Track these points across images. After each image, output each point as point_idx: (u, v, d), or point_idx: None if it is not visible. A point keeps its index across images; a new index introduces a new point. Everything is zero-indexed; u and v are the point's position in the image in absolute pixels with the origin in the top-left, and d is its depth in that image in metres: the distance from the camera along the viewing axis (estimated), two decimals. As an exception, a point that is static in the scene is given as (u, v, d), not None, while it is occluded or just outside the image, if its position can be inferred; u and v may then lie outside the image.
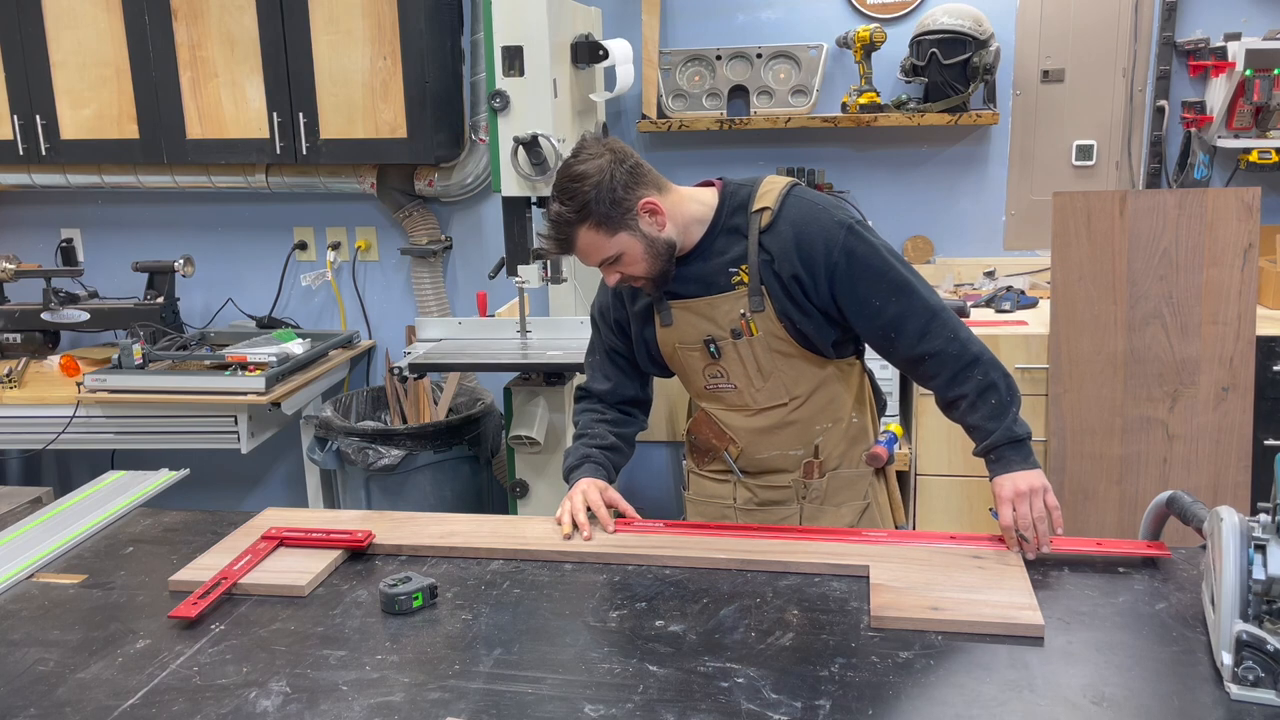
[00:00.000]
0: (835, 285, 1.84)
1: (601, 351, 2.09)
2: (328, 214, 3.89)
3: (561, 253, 1.87)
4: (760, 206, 1.88)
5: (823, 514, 2.04)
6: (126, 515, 2.05)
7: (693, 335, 1.95)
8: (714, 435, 2.05)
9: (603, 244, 1.81)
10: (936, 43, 3.28)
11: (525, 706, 1.33)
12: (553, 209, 1.80)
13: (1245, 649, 1.31)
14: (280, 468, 4.14)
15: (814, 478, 2.02)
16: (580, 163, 1.79)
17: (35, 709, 1.36)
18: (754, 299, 1.88)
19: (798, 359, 1.94)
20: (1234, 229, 2.93)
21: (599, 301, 2.08)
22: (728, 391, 1.99)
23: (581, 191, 1.77)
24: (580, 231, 1.80)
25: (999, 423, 1.80)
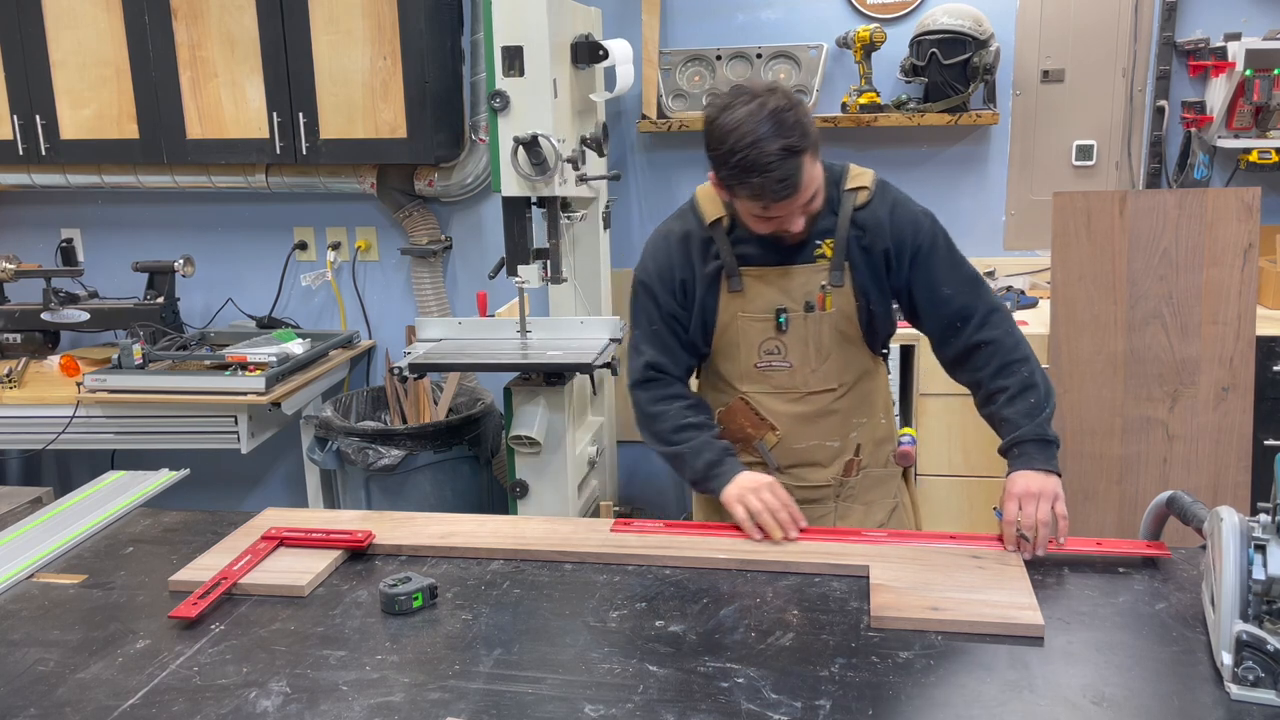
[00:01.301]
0: (915, 268, 1.89)
1: (661, 320, 1.99)
2: (328, 214, 3.89)
3: (785, 196, 1.73)
4: (857, 185, 1.91)
5: (853, 512, 2.05)
6: (126, 515, 2.05)
7: (761, 305, 1.94)
8: (750, 423, 2.02)
9: (815, 175, 1.77)
10: (936, 43, 3.28)
11: (525, 706, 1.33)
12: (771, 147, 1.68)
13: (1245, 649, 1.31)
14: (280, 468, 4.14)
15: (851, 475, 2.03)
16: (775, 97, 1.72)
17: (35, 709, 1.36)
18: (834, 273, 1.90)
19: (853, 346, 1.97)
20: (1234, 229, 2.93)
21: (659, 264, 1.98)
22: (779, 371, 1.97)
23: (801, 119, 1.72)
24: (805, 161, 1.73)
25: (1031, 420, 1.82)
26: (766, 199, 1.74)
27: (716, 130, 1.75)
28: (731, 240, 1.94)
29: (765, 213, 1.78)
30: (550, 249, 2.85)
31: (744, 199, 1.78)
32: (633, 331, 2.05)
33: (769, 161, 1.69)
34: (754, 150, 1.69)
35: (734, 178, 1.75)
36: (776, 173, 1.70)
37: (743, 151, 1.70)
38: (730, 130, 1.72)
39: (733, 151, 1.71)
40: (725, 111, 1.74)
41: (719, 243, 1.94)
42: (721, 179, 1.79)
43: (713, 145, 1.77)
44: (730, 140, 1.72)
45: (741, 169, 1.71)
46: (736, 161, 1.71)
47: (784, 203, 1.75)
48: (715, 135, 1.75)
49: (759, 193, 1.74)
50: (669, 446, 1.96)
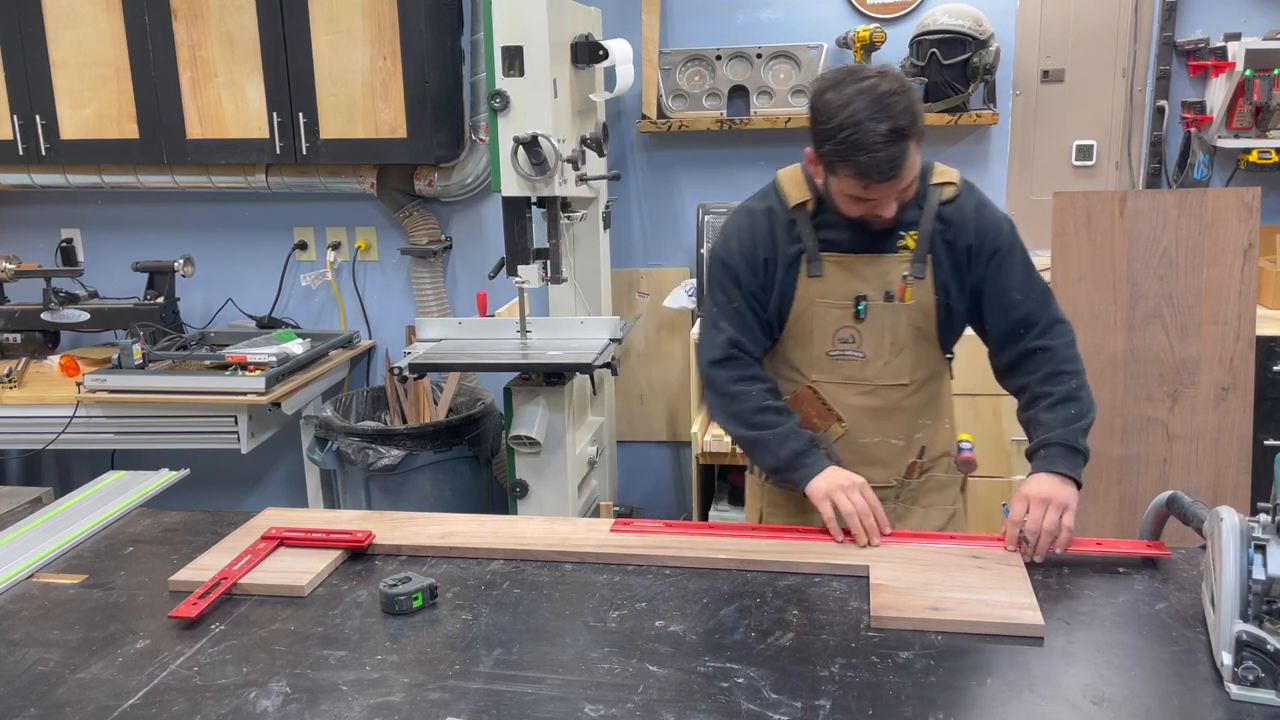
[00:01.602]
0: (990, 269, 1.90)
1: (741, 298, 1.95)
2: (328, 214, 3.89)
3: (888, 178, 1.72)
4: (944, 181, 1.92)
5: (911, 515, 2.03)
6: (126, 515, 2.05)
7: (841, 291, 1.92)
8: (816, 414, 1.99)
9: (916, 162, 1.77)
10: (936, 43, 3.28)
11: (525, 706, 1.33)
12: (880, 127, 1.67)
13: (1245, 649, 1.31)
14: (280, 468, 4.14)
15: (913, 477, 2.02)
16: (890, 79, 1.71)
17: (35, 709, 1.36)
18: (917, 265, 1.89)
19: (927, 343, 1.96)
20: (1234, 229, 2.93)
21: (742, 241, 1.95)
22: (852, 360, 1.95)
23: (912, 103, 1.71)
24: (911, 146, 1.73)
25: (1065, 427, 1.82)
26: (869, 179, 1.73)
27: (825, 106, 1.73)
28: (814, 225, 1.92)
29: (864, 193, 1.77)
30: (550, 249, 2.85)
31: (845, 177, 1.75)
32: (709, 309, 2.01)
33: (876, 141, 1.68)
34: (863, 129, 1.68)
35: (838, 155, 1.73)
36: (883, 153, 1.69)
37: (851, 129, 1.69)
38: (840, 107, 1.70)
39: (840, 128, 1.70)
40: (836, 89, 1.72)
41: (801, 226, 1.92)
42: (823, 155, 1.77)
43: (819, 120, 1.75)
44: (839, 117, 1.70)
45: (849, 146, 1.70)
46: (844, 138, 1.70)
47: (885, 185, 1.74)
48: (823, 111, 1.73)
49: (863, 171, 1.72)
50: (749, 430, 1.92)
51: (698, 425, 3.25)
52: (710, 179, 3.68)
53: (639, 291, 3.77)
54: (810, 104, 1.78)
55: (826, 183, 1.83)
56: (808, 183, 1.93)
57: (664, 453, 3.94)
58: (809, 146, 1.82)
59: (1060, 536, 1.71)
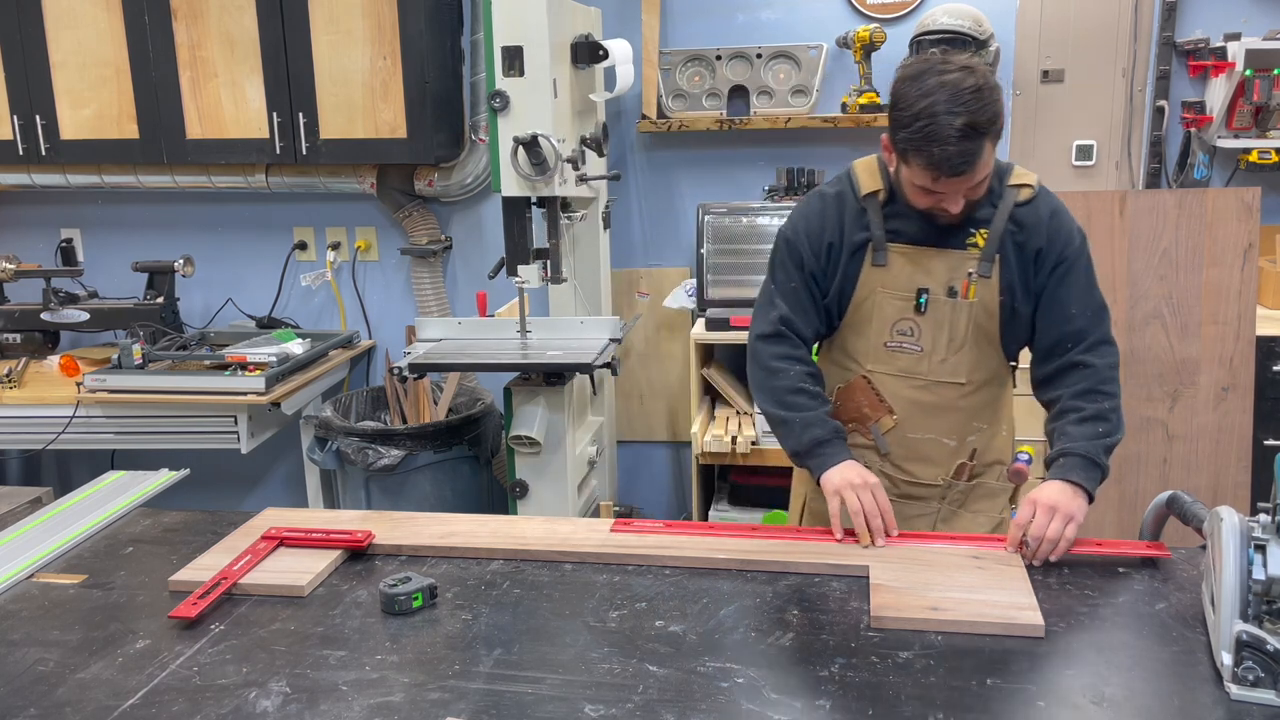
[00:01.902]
0: (1054, 276, 1.88)
1: (801, 279, 1.96)
2: (328, 214, 3.89)
3: (958, 173, 1.71)
4: (1021, 183, 1.90)
5: (958, 518, 2.02)
6: (126, 515, 2.05)
7: (904, 282, 1.91)
8: (869, 403, 1.99)
9: (989, 162, 1.75)
10: (936, 43, 3.27)
11: (525, 706, 1.33)
12: (958, 122, 1.66)
13: (1245, 649, 1.31)
14: (280, 468, 4.14)
15: (962, 479, 2.01)
16: (975, 75, 1.69)
17: (35, 709, 1.36)
18: (984, 264, 1.88)
19: (988, 345, 1.94)
20: (1234, 229, 2.93)
21: (809, 223, 1.95)
22: (909, 354, 1.94)
23: (995, 102, 1.69)
24: (987, 144, 1.71)
25: (1088, 442, 1.81)
26: (939, 172, 1.72)
27: (906, 94, 1.72)
28: (884, 214, 1.91)
29: (933, 186, 1.76)
30: (550, 249, 2.85)
31: (916, 167, 1.75)
32: (767, 284, 2.01)
33: (950, 135, 1.67)
34: (939, 121, 1.67)
35: (912, 144, 1.72)
36: (956, 148, 1.68)
37: (927, 120, 1.68)
38: (919, 97, 1.70)
39: (918, 117, 1.69)
40: (920, 78, 1.71)
41: (871, 214, 1.91)
42: (898, 142, 1.76)
43: (897, 107, 1.74)
44: (917, 107, 1.70)
45: (924, 136, 1.69)
46: (920, 128, 1.69)
47: (955, 180, 1.73)
48: (904, 98, 1.72)
49: (934, 164, 1.71)
50: (778, 408, 1.93)
51: (698, 425, 3.24)
52: (710, 179, 3.68)
53: (639, 291, 3.77)
54: (891, 89, 1.78)
55: (898, 170, 1.83)
56: (881, 172, 1.92)
57: (664, 453, 3.94)
58: (885, 133, 1.82)
59: (1059, 546, 1.70)
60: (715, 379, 3.37)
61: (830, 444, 1.88)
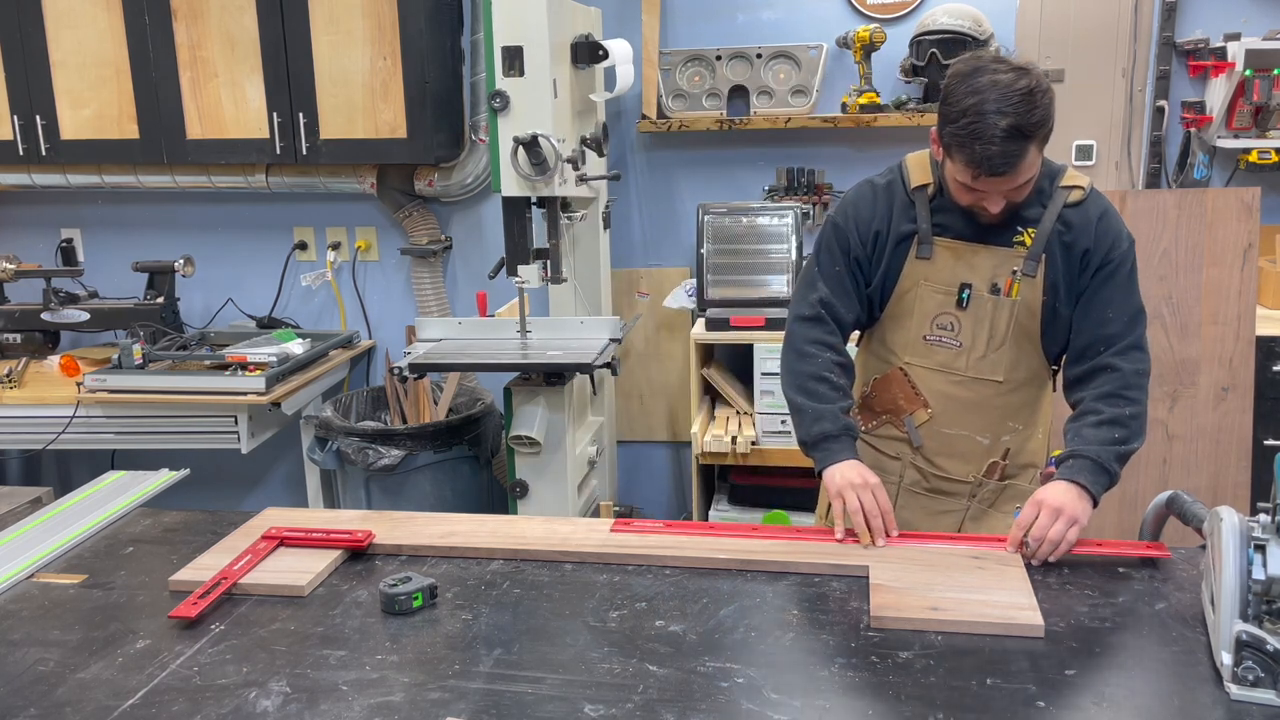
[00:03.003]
0: (1097, 279, 1.88)
1: (845, 264, 1.96)
2: (328, 214, 3.89)
3: (999, 173, 1.71)
4: (1074, 184, 1.89)
5: (987, 517, 2.02)
6: (126, 515, 2.05)
7: (947, 277, 1.92)
8: (904, 396, 1.99)
9: (1033, 165, 1.75)
10: (936, 43, 3.28)
11: (525, 706, 1.33)
12: (1004, 122, 1.66)
13: (1245, 649, 1.31)
14: (280, 468, 4.14)
15: (993, 478, 2.01)
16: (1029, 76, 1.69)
17: (35, 709, 1.36)
18: (1029, 262, 1.88)
19: (1028, 344, 1.94)
20: (1234, 229, 2.93)
21: (859, 210, 1.95)
22: (948, 348, 1.95)
23: (1047, 107, 1.70)
24: (1032, 148, 1.71)
25: (1101, 446, 1.80)
26: (980, 170, 1.71)
27: (959, 88, 1.72)
28: (932, 208, 1.92)
29: (973, 183, 1.76)
30: (550, 249, 2.85)
31: (958, 163, 1.75)
32: (811, 266, 2.01)
33: (994, 135, 1.67)
34: (985, 120, 1.67)
35: (956, 139, 1.72)
36: (999, 148, 1.68)
37: (974, 116, 1.68)
38: (968, 94, 1.70)
39: (964, 113, 1.69)
40: (974, 75, 1.71)
41: (919, 206, 1.92)
42: (943, 135, 1.76)
43: (947, 101, 1.74)
44: (967, 101, 1.70)
45: (968, 133, 1.69)
46: (966, 124, 1.69)
47: (994, 179, 1.73)
48: (955, 93, 1.72)
49: (975, 162, 1.71)
50: (797, 394, 1.94)
51: (698, 425, 3.24)
52: (710, 179, 3.68)
53: (639, 291, 3.77)
54: (944, 84, 1.78)
55: (943, 164, 1.83)
56: (932, 166, 1.92)
57: (664, 453, 3.94)
58: (934, 128, 1.82)
59: (1060, 548, 1.70)
60: (715, 379, 3.37)
61: (837, 440, 1.88)
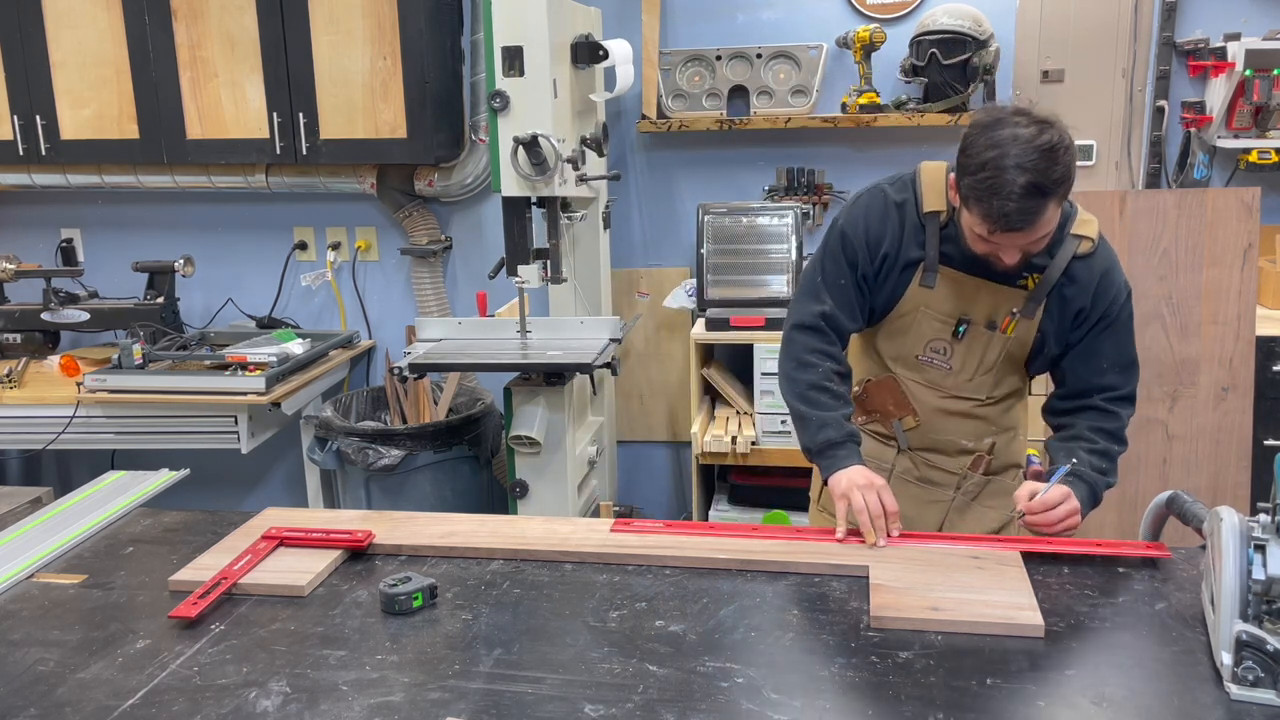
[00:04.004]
0: (1092, 333, 1.91)
1: (851, 279, 1.96)
2: (328, 214, 3.89)
3: (1016, 229, 1.70)
4: (1083, 234, 1.89)
5: (971, 511, 2.09)
6: (126, 515, 2.05)
7: (947, 307, 1.94)
8: (894, 402, 2.05)
9: (1052, 220, 1.73)
10: (936, 43, 3.28)
11: (525, 706, 1.33)
12: (1020, 180, 1.64)
13: (1245, 649, 1.31)
14: (280, 468, 4.14)
15: (978, 472, 2.07)
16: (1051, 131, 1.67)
17: (35, 709, 1.36)
18: (1030, 305, 1.91)
19: (1013, 368, 2.00)
20: (1234, 229, 2.93)
21: (870, 227, 1.94)
22: (938, 369, 1.99)
23: (1068, 164, 1.67)
24: (1051, 205, 1.69)
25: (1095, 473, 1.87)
26: (997, 226, 1.70)
27: (979, 141, 1.70)
28: (942, 235, 1.91)
29: (989, 237, 1.75)
30: (550, 249, 2.85)
31: (975, 215, 1.74)
32: (814, 271, 2.01)
33: (1013, 191, 1.65)
34: (1004, 176, 1.65)
35: (973, 193, 1.71)
36: (1017, 204, 1.66)
37: (993, 171, 1.66)
38: (988, 147, 1.67)
39: (983, 167, 1.67)
40: (995, 127, 1.69)
41: (929, 233, 1.91)
42: (961, 186, 1.75)
43: (967, 151, 1.72)
44: (986, 155, 1.67)
45: (986, 188, 1.67)
46: (984, 179, 1.68)
47: (1012, 234, 1.72)
48: (975, 145, 1.70)
49: (992, 216, 1.69)
50: (799, 403, 1.95)
51: (698, 425, 3.24)
52: (710, 179, 3.68)
53: (639, 291, 3.77)
54: (964, 133, 1.76)
55: (960, 210, 1.82)
56: (948, 189, 1.90)
57: (664, 453, 3.94)
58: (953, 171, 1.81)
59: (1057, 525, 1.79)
60: (715, 379, 3.37)
61: (842, 447, 1.90)
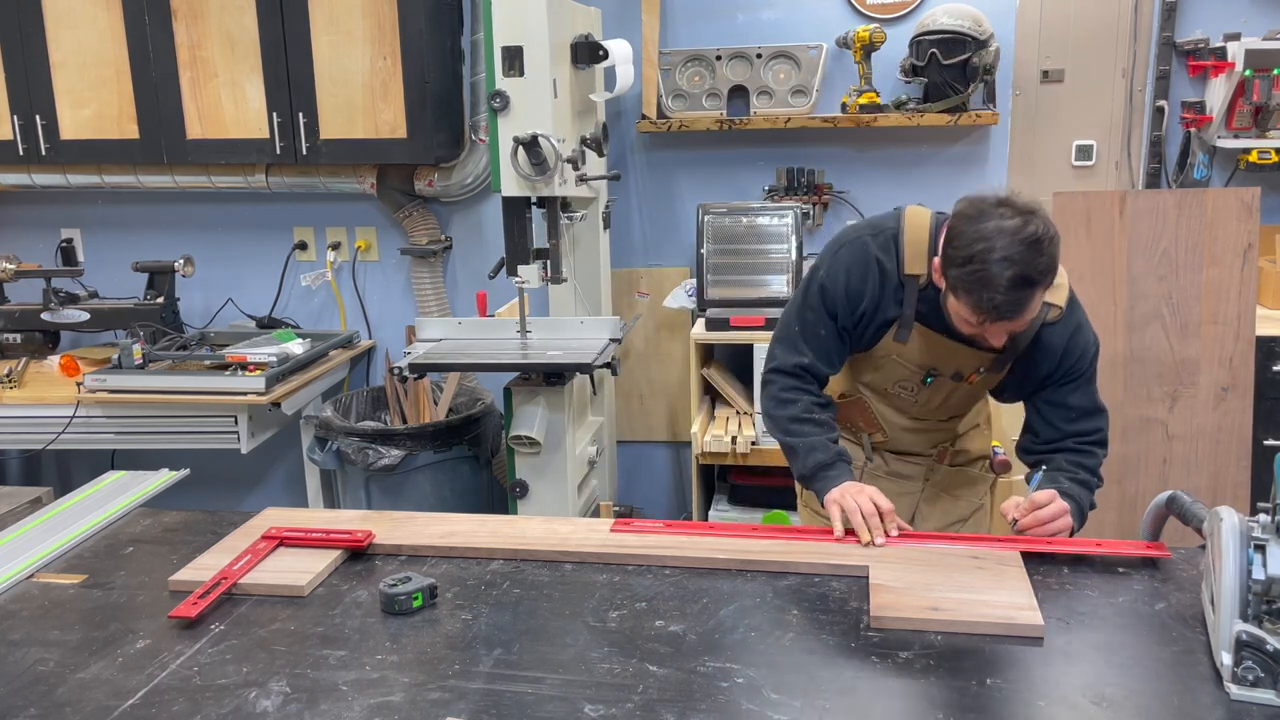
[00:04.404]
0: (1061, 387, 1.95)
1: (830, 331, 2.00)
2: (328, 214, 3.89)
3: (1004, 319, 1.74)
4: (1055, 300, 1.91)
5: (940, 500, 2.20)
6: (126, 515, 2.05)
7: (917, 359, 2.01)
8: (864, 420, 2.16)
9: (1039, 303, 1.77)
10: (936, 43, 3.28)
11: (525, 706, 1.33)
12: (1007, 274, 1.66)
13: (1245, 649, 1.31)
14: (280, 468, 4.14)
15: (943, 463, 2.19)
16: (1035, 222, 1.69)
17: (35, 709, 1.36)
18: (998, 362, 1.97)
19: (975, 399, 2.14)
20: (1234, 229, 2.93)
21: (851, 285, 1.96)
22: (906, 400, 2.09)
23: (1053, 254, 1.71)
24: (1038, 293, 1.73)
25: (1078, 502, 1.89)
26: (986, 317, 1.74)
27: (964, 233, 1.72)
28: (920, 295, 1.95)
29: (977, 325, 1.78)
30: (550, 249, 2.85)
31: (963, 304, 1.76)
32: (794, 317, 2.04)
33: (1000, 284, 1.67)
34: (991, 268, 1.67)
35: (962, 284, 1.73)
36: (1005, 296, 1.69)
37: (980, 264, 1.68)
38: (975, 239, 1.69)
39: (970, 260, 1.69)
40: (980, 219, 1.71)
41: (908, 295, 1.95)
42: (948, 276, 1.77)
43: (952, 244, 1.74)
44: (973, 248, 1.69)
45: (975, 280, 1.70)
46: (972, 271, 1.70)
47: (1000, 323, 1.76)
48: (959, 238, 1.73)
49: (982, 308, 1.72)
50: (785, 435, 2.00)
51: (698, 425, 3.24)
52: (710, 179, 3.68)
53: (639, 291, 3.77)
54: (949, 222, 1.78)
55: (946, 294, 1.83)
56: (929, 251, 1.92)
57: (664, 453, 3.94)
58: (938, 257, 1.83)
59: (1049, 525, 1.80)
60: (715, 379, 3.37)
61: (833, 467, 1.94)
